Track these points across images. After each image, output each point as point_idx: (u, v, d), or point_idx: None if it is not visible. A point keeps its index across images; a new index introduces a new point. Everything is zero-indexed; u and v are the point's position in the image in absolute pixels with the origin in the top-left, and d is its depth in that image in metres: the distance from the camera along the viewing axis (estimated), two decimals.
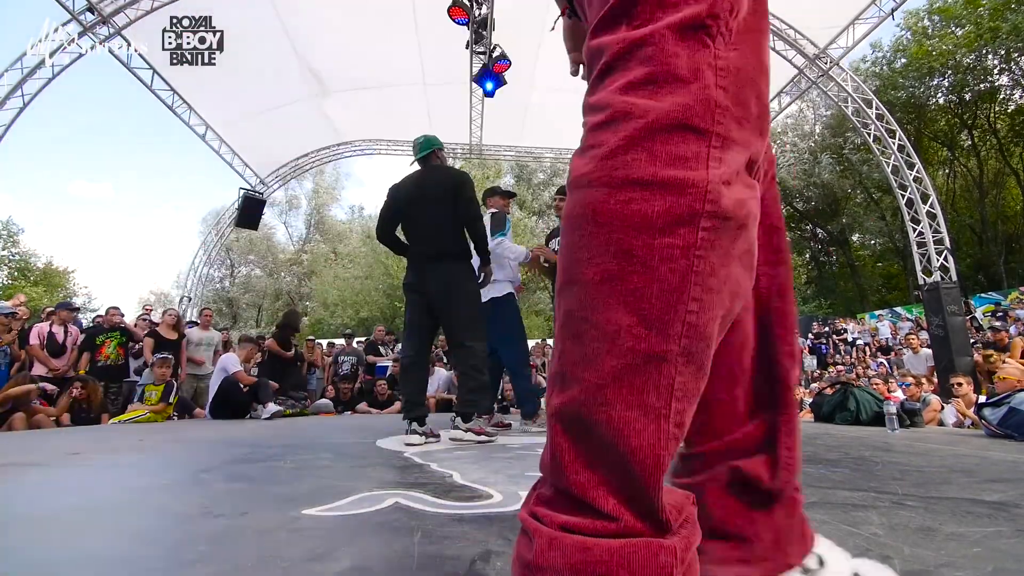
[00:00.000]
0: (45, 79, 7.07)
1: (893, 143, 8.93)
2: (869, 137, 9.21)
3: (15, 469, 2.06)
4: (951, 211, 18.81)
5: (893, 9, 7.92)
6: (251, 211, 10.80)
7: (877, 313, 16.11)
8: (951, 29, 17.87)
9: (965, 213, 20.42)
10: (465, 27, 6.51)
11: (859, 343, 12.54)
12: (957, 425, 4.59)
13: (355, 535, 1.03)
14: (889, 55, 19.97)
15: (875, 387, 5.62)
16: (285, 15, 7.72)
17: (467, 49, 6.96)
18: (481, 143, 11.76)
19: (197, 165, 56.49)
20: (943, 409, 4.91)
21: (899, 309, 16.12)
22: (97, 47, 7.03)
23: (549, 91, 9.42)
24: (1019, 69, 17.61)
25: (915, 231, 9.05)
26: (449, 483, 1.56)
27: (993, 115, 18.92)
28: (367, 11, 7.66)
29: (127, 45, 7.28)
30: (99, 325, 6.46)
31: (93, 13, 6.86)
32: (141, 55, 7.68)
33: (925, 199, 8.88)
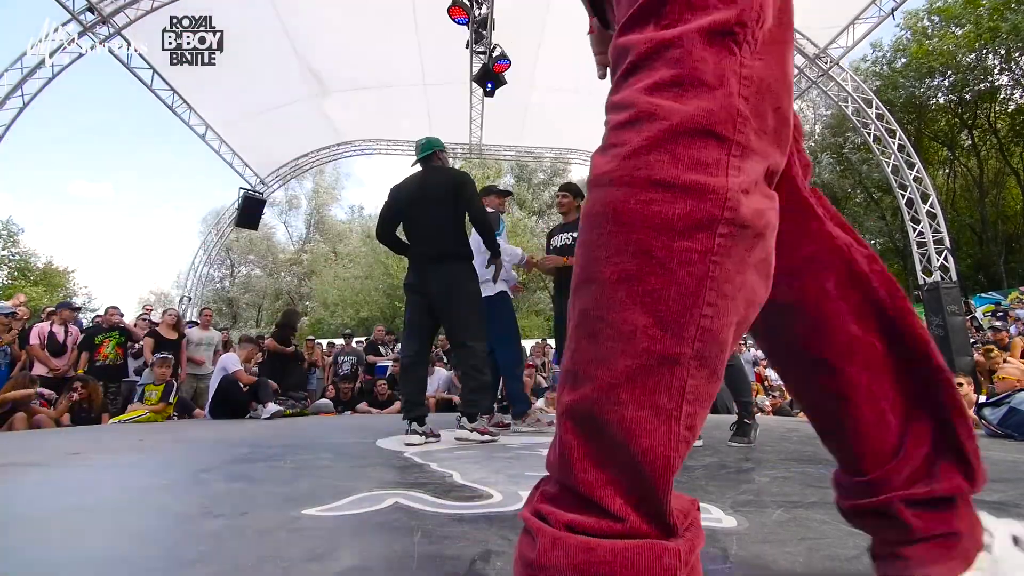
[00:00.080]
0: (45, 79, 7.08)
1: (893, 143, 8.93)
2: (869, 137, 9.21)
3: (15, 469, 2.06)
4: (951, 211, 18.80)
5: (893, 9, 7.91)
6: (251, 211, 10.81)
7: None
8: (951, 29, 17.87)
9: (965, 213, 20.41)
10: (465, 27, 6.52)
11: None
12: None
13: (355, 535, 1.03)
14: (889, 55, 19.96)
15: None
16: (285, 15, 7.72)
17: (467, 49, 6.96)
18: (481, 143, 11.76)
19: (197, 165, 56.31)
20: None
21: None
22: (97, 47, 7.04)
23: (549, 91, 9.43)
24: (1019, 69, 17.62)
25: (915, 231, 9.06)
26: (449, 483, 1.56)
27: (993, 115, 18.92)
28: (367, 11, 7.66)
29: (127, 45, 7.29)
30: (98, 325, 6.46)
31: (93, 13, 6.86)
32: (141, 55, 7.69)
33: (925, 199, 8.88)
